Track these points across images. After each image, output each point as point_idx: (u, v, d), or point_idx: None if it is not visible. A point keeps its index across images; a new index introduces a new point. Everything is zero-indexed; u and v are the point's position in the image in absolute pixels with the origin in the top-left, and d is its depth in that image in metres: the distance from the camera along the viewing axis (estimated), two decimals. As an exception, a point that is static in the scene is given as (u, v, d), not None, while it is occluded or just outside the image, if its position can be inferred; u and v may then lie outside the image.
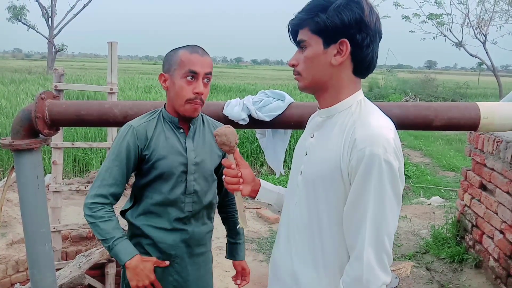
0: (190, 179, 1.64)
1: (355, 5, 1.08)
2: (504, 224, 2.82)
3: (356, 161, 1.03)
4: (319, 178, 1.13)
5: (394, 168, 1.03)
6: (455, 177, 7.47)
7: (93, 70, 32.24)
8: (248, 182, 1.31)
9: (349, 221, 1.08)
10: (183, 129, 1.65)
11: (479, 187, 3.27)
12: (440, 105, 2.35)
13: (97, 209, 1.55)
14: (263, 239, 4.28)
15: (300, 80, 1.18)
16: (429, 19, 21.53)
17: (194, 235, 1.68)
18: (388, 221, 1.04)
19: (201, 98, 1.56)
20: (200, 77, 1.55)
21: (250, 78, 33.06)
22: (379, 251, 1.04)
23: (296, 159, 1.30)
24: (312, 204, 1.16)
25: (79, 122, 2.35)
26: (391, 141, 1.04)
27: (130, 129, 1.58)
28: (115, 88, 3.58)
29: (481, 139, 3.25)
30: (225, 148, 1.28)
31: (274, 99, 2.35)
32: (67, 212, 4.23)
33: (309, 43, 1.13)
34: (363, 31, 1.09)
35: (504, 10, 21.39)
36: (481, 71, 32.68)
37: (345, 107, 1.15)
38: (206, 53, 1.60)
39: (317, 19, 1.09)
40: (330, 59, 1.11)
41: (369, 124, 1.07)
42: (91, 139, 7.14)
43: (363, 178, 1.03)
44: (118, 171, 1.57)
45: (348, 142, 1.07)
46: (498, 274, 2.89)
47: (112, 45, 3.56)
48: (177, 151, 1.61)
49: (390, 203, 1.04)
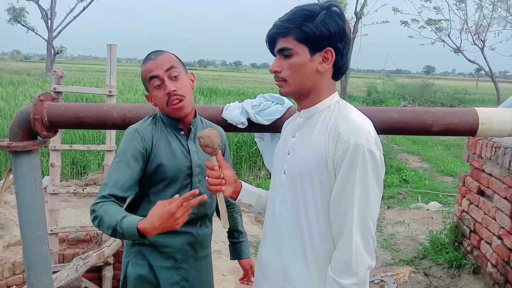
0: (195, 181, 1.63)
1: (338, 17, 1.18)
2: (502, 230, 2.82)
3: (341, 152, 1.12)
4: (306, 173, 1.19)
5: (376, 157, 1.13)
6: (453, 182, 7.48)
7: (92, 72, 32.25)
8: (230, 183, 1.37)
9: (336, 209, 1.15)
10: (184, 131, 1.64)
11: (477, 192, 3.27)
12: (439, 110, 2.36)
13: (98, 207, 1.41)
14: (259, 238, 4.27)
15: (285, 86, 1.24)
16: (428, 24, 21.65)
17: (199, 237, 1.67)
18: (372, 206, 1.13)
19: (176, 95, 1.53)
20: (163, 77, 1.53)
21: (249, 82, 33.12)
22: (365, 235, 1.12)
23: (278, 160, 1.37)
24: (299, 199, 1.22)
25: (78, 125, 2.34)
26: (372, 133, 1.15)
27: (135, 132, 1.56)
28: (114, 90, 3.59)
29: (479, 144, 3.26)
30: (208, 150, 1.33)
31: (273, 103, 2.36)
32: (64, 214, 4.22)
33: (295, 51, 1.19)
34: (343, 40, 1.19)
35: (502, 16, 21.52)
36: (479, 77, 32.89)
37: (324, 107, 1.24)
38: (161, 52, 1.58)
39: (304, 29, 1.16)
40: (316, 67, 1.20)
41: (351, 119, 1.17)
42: (89, 142, 7.12)
43: (349, 167, 1.11)
44: (123, 174, 1.49)
45: (333, 136, 1.16)
46: (496, 280, 2.89)
47: (111, 47, 3.57)
48: (180, 154, 1.60)
49: (374, 189, 1.13)
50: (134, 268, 1.62)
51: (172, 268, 1.62)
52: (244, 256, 1.92)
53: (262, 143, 2.55)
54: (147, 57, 1.58)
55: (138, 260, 1.62)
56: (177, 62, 1.59)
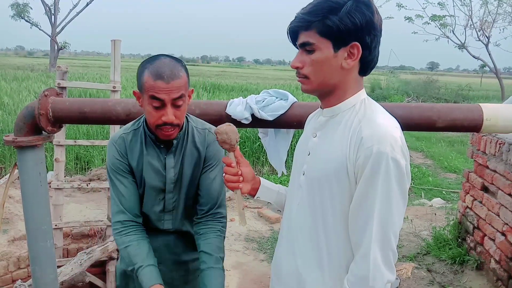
0: (169, 197, 1.56)
1: (365, 7, 1.07)
2: (506, 226, 2.82)
3: (363, 159, 1.04)
4: (324, 177, 1.12)
5: (401, 166, 1.03)
6: (456, 179, 7.46)
7: (95, 68, 32.28)
8: (248, 180, 1.31)
9: (355, 219, 1.08)
10: (164, 144, 1.53)
11: (481, 189, 3.26)
12: (443, 106, 2.35)
13: (118, 231, 1.51)
14: (264, 238, 4.28)
15: (306, 83, 1.16)
16: (432, 20, 21.50)
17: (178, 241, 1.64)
18: (394, 218, 1.05)
19: (171, 124, 1.41)
20: (167, 104, 1.38)
21: (252, 78, 33.06)
22: (385, 249, 1.05)
23: (298, 159, 1.29)
24: (316, 204, 1.15)
25: (82, 120, 2.35)
26: (398, 139, 1.05)
27: (110, 145, 1.53)
28: (118, 86, 3.59)
29: (483, 141, 3.24)
30: (225, 146, 1.27)
31: (277, 98, 2.36)
32: (68, 209, 4.24)
33: (318, 46, 1.09)
34: (372, 33, 1.08)
35: (508, 12, 21.34)
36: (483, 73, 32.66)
37: (349, 106, 1.15)
38: (175, 75, 1.38)
39: (328, 22, 1.06)
40: (341, 63, 1.10)
41: (375, 122, 1.07)
42: (93, 137, 7.14)
43: (370, 176, 1.03)
44: (118, 188, 1.52)
45: (355, 141, 1.07)
46: (499, 276, 2.89)
47: (115, 43, 3.57)
48: (156, 169, 1.52)
49: (397, 201, 1.04)
50: (121, 263, 1.65)
51: None
52: None
53: (266, 139, 2.55)
54: (159, 73, 1.36)
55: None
56: (186, 87, 1.43)
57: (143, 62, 1.45)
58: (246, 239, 4.19)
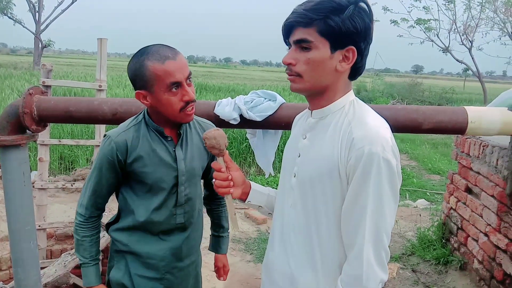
0: (181, 190, 1.56)
1: (365, 14, 1.08)
2: (489, 227, 2.87)
3: (354, 160, 1.04)
4: (316, 178, 1.13)
5: (393, 166, 1.05)
6: (440, 180, 7.57)
7: (80, 67, 31.87)
8: (238, 184, 1.30)
9: (347, 219, 1.09)
10: (171, 136, 1.53)
11: (465, 190, 3.32)
12: (429, 108, 2.38)
13: (78, 223, 1.57)
14: (250, 239, 4.27)
15: (298, 81, 1.13)
16: (417, 24, 21.82)
17: (184, 247, 1.61)
18: (386, 218, 1.06)
19: (194, 101, 1.46)
20: (183, 83, 1.40)
21: (239, 78, 33.06)
22: (378, 249, 1.06)
23: (288, 161, 1.29)
24: (309, 205, 1.16)
25: (68, 119, 2.31)
26: (389, 139, 1.06)
27: (107, 140, 1.48)
28: (104, 85, 3.55)
29: (467, 143, 3.30)
30: (214, 151, 1.26)
31: (266, 99, 2.36)
32: (52, 210, 4.17)
33: (316, 45, 1.08)
34: (366, 40, 1.10)
35: (490, 17, 21.80)
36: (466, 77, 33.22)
37: (338, 107, 1.15)
38: (176, 52, 1.41)
39: (330, 22, 1.05)
40: (335, 65, 1.10)
41: (366, 123, 1.08)
42: (78, 136, 7.05)
43: (362, 177, 1.04)
44: (98, 184, 1.53)
45: (346, 141, 1.08)
46: (482, 276, 2.94)
47: (101, 41, 3.52)
48: (166, 163, 1.51)
49: (388, 201, 1.06)
50: (117, 273, 1.61)
51: (155, 279, 1.58)
52: (220, 251, 1.90)
53: (254, 139, 2.55)
54: (162, 55, 1.37)
55: (121, 266, 1.60)
56: None
57: (134, 59, 1.41)
58: (233, 240, 4.18)
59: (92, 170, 1.55)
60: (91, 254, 1.58)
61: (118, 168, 1.50)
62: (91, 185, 1.54)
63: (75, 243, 1.59)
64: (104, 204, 1.60)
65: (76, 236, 1.58)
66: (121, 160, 1.48)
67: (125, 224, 1.57)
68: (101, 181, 1.52)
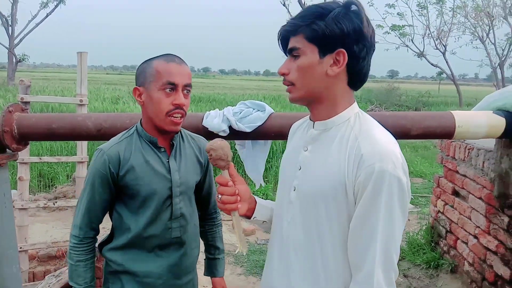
0: (176, 202, 1.51)
1: (354, 16, 1.05)
2: (478, 229, 2.89)
3: (364, 178, 1.00)
4: (320, 194, 1.08)
5: (403, 184, 1.00)
6: (423, 183, 7.66)
7: (56, 80, 31.29)
8: (245, 199, 1.22)
9: (356, 240, 1.04)
10: (164, 147, 1.51)
11: (452, 193, 3.35)
12: (416, 114, 2.40)
13: (72, 246, 1.49)
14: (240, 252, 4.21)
15: (292, 91, 1.12)
16: (392, 30, 22.33)
17: (182, 264, 1.56)
18: (396, 238, 1.02)
19: (182, 109, 1.43)
20: (179, 88, 1.42)
21: (218, 88, 33.03)
22: (387, 270, 1.01)
23: (287, 173, 1.23)
24: (311, 222, 1.11)
25: (50, 136, 2.24)
26: (399, 156, 1.02)
27: (99, 154, 1.45)
28: (85, 99, 3.47)
29: (452, 146, 3.34)
30: (220, 163, 1.17)
31: (254, 109, 2.33)
32: (33, 230, 4.03)
33: (303, 51, 1.07)
34: (360, 43, 1.06)
35: (461, 22, 22.47)
36: (441, 80, 34.04)
37: (343, 120, 1.11)
38: (184, 62, 1.47)
39: (314, 27, 1.05)
40: (326, 69, 1.07)
41: (375, 139, 1.04)
42: (58, 153, 6.85)
43: (373, 195, 0.99)
44: (92, 201, 1.47)
45: (354, 158, 1.03)
46: (473, 278, 2.95)
47: (81, 55, 3.45)
48: (160, 174, 1.48)
49: (398, 220, 1.01)
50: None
51: None
52: (218, 274, 1.78)
53: (243, 151, 2.51)
54: (170, 57, 1.44)
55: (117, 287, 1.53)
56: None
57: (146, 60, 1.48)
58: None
59: (84, 188, 1.50)
60: (86, 281, 1.49)
61: (111, 183, 1.46)
62: (84, 203, 1.49)
63: (69, 269, 1.50)
64: (99, 224, 1.54)
65: (70, 261, 1.49)
66: (114, 173, 1.44)
67: (119, 243, 1.51)
68: (94, 198, 1.47)
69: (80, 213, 1.49)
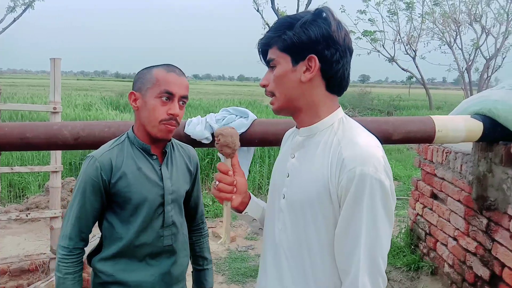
0: (168, 210, 1.51)
1: (322, 21, 1.07)
2: (457, 231, 2.95)
3: (346, 182, 1.00)
4: (306, 200, 1.08)
5: (386, 187, 1.00)
6: (398, 186, 7.79)
7: (24, 87, 30.38)
8: (241, 192, 1.22)
9: (341, 245, 1.04)
10: (156, 155, 1.51)
11: (430, 196, 3.41)
12: (397, 119, 2.43)
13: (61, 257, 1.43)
14: (220, 259, 4.16)
15: (274, 102, 1.15)
16: (364, 35, 22.78)
17: (174, 272, 1.55)
18: (382, 242, 1.01)
19: (176, 119, 1.44)
20: (175, 98, 1.44)
21: (193, 93, 32.79)
22: (374, 275, 1.00)
23: (277, 180, 1.24)
24: (300, 229, 1.11)
25: (25, 146, 2.15)
26: (381, 159, 1.02)
27: (91, 161, 1.43)
28: (58, 107, 3.36)
29: (430, 150, 3.40)
30: (226, 150, 1.17)
31: (237, 116, 2.30)
32: (4, 243, 3.86)
33: (278, 61, 1.11)
34: (331, 47, 1.07)
35: (430, 28, 23.15)
36: (410, 84, 34.93)
37: (326, 125, 1.12)
38: (183, 74, 1.49)
39: (284, 37, 1.08)
40: (300, 76, 1.09)
41: (356, 143, 1.04)
42: (29, 162, 6.60)
43: (355, 199, 0.99)
44: (82, 210, 1.44)
45: (336, 162, 1.03)
46: (453, 279, 3.00)
47: (55, 61, 3.34)
48: (152, 181, 1.47)
49: (383, 223, 1.01)
50: None
51: None
52: (207, 285, 1.76)
53: (226, 158, 2.48)
54: (171, 68, 1.46)
55: None
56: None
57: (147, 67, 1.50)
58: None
59: (74, 196, 1.46)
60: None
61: (102, 190, 1.43)
62: (74, 211, 1.44)
63: (56, 282, 1.44)
64: (88, 234, 1.50)
65: (58, 274, 1.43)
66: (106, 180, 1.42)
67: (109, 253, 1.48)
68: (85, 206, 1.43)
69: (70, 222, 1.44)
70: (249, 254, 4.27)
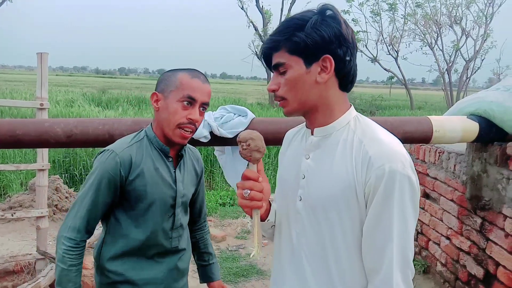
0: (177, 213, 1.54)
1: (331, 20, 1.06)
2: (450, 230, 2.97)
3: (375, 179, 1.00)
4: (329, 201, 1.06)
5: (413, 182, 1.02)
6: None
7: (2, 82, 29.60)
8: (266, 199, 1.15)
9: (370, 242, 1.03)
10: (172, 157, 1.52)
11: (423, 195, 3.43)
12: (395, 119, 2.42)
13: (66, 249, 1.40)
14: (210, 259, 4.11)
15: (285, 105, 1.12)
16: (347, 35, 22.96)
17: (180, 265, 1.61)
18: (410, 236, 1.03)
19: (194, 125, 1.46)
20: (197, 104, 1.44)
21: (175, 90, 32.51)
22: (405, 270, 1.02)
23: (289, 183, 1.20)
24: (323, 230, 1.09)
25: (14, 144, 2.07)
26: (406, 155, 1.03)
27: (111, 155, 1.42)
28: (46, 103, 3.26)
29: (422, 150, 3.42)
30: (257, 156, 1.08)
31: (236, 115, 2.26)
32: (-14, 244, 3.72)
33: (289, 65, 1.08)
34: (343, 45, 1.07)
35: (412, 29, 23.53)
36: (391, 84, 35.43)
37: (342, 124, 1.11)
38: (207, 81, 1.50)
39: (295, 39, 1.05)
40: (315, 78, 1.08)
41: (380, 139, 1.05)
42: (11, 159, 6.39)
43: (385, 196, 0.99)
44: (95, 203, 1.42)
45: (361, 161, 1.03)
46: (446, 278, 3.03)
47: (42, 56, 3.24)
48: (167, 183, 1.49)
49: (411, 218, 1.02)
50: None
51: None
52: (214, 278, 1.82)
53: (223, 157, 2.44)
54: (196, 74, 1.47)
55: None
56: None
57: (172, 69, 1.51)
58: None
59: (87, 188, 1.42)
60: (76, 286, 1.42)
61: (118, 186, 1.42)
62: (86, 204, 1.42)
63: (58, 274, 1.40)
64: (94, 228, 1.48)
65: (62, 266, 1.40)
66: (123, 176, 1.42)
67: (118, 251, 1.47)
68: (97, 200, 1.42)
69: (80, 215, 1.42)
70: (240, 253, 4.23)
